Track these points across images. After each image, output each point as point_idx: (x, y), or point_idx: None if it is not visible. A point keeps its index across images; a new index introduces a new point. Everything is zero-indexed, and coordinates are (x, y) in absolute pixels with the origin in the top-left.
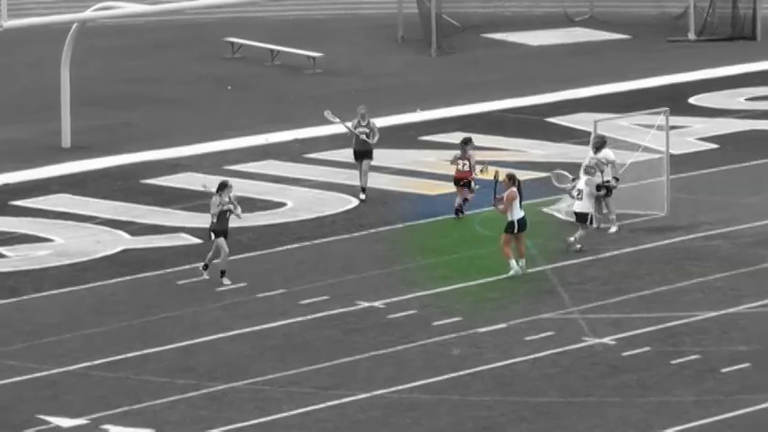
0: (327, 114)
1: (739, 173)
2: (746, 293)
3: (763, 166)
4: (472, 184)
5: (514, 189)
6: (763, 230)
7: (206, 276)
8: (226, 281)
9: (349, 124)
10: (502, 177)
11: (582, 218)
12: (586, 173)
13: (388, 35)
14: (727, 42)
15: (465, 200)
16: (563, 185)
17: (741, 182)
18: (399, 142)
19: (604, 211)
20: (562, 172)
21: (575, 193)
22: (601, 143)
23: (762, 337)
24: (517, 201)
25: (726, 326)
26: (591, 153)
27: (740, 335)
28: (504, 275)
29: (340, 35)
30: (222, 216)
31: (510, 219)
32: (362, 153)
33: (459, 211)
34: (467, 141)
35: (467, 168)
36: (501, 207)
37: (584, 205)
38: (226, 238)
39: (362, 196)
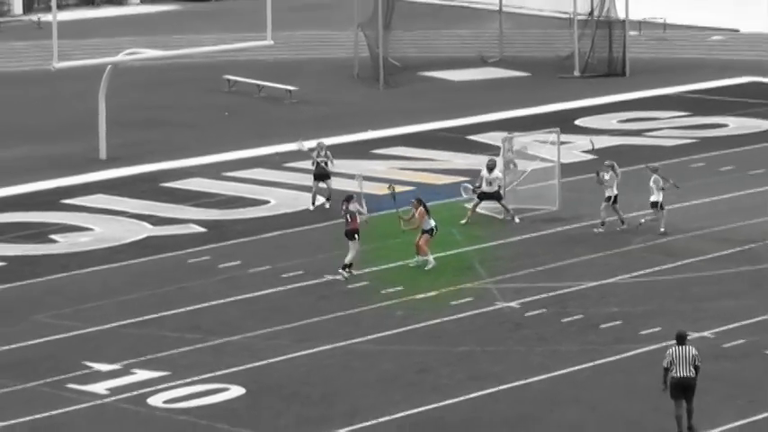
0: (300, 143)
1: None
2: (618, 268)
3: (632, 171)
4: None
5: (422, 208)
6: (630, 221)
7: (345, 275)
8: (345, 273)
9: (314, 153)
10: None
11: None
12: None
13: (346, 73)
14: (603, 78)
15: None
16: (467, 195)
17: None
18: (355, 155)
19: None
20: (467, 185)
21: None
22: (493, 164)
23: (630, 301)
24: (426, 215)
25: (603, 293)
26: (485, 173)
27: (614, 300)
28: (424, 264)
29: (310, 73)
30: (353, 218)
31: (429, 227)
32: (321, 176)
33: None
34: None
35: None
36: (414, 224)
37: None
38: (354, 237)
39: (327, 206)
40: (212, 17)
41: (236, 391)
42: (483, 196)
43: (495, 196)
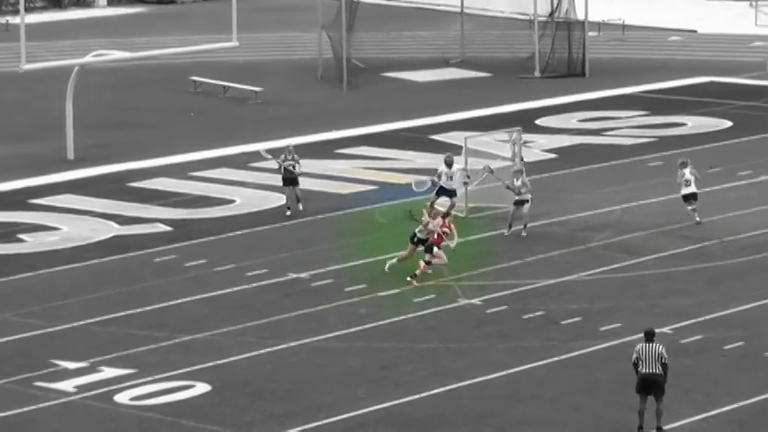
0: (261, 151)
1: (572, 175)
2: (577, 266)
3: (590, 170)
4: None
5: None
6: (589, 219)
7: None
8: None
9: (280, 159)
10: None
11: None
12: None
13: (311, 74)
14: (563, 78)
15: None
16: (420, 189)
17: (573, 182)
18: (320, 154)
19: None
20: (421, 179)
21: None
22: (452, 160)
23: (589, 298)
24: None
25: (563, 290)
26: (444, 168)
27: (573, 296)
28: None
29: (275, 74)
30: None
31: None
32: (290, 180)
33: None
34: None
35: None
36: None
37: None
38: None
39: (300, 207)
40: (178, 19)
41: (201, 387)
42: (441, 192)
43: (453, 193)
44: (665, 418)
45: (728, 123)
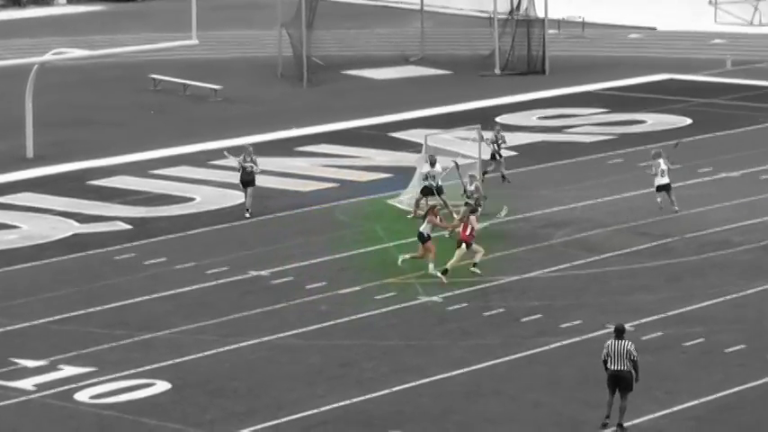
0: (225, 153)
1: (533, 173)
2: (538, 263)
3: (551, 168)
4: None
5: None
6: (551, 216)
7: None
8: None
9: (240, 159)
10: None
11: None
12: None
13: (270, 72)
14: (523, 76)
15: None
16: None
17: (534, 180)
18: (280, 152)
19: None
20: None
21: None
22: (434, 159)
23: (550, 295)
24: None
25: (524, 287)
26: (428, 167)
27: (535, 293)
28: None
29: (235, 72)
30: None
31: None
32: (248, 182)
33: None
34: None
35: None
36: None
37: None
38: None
39: (248, 215)
40: (138, 17)
41: (162, 386)
42: (425, 191)
43: (437, 191)
44: (627, 415)
45: (688, 121)
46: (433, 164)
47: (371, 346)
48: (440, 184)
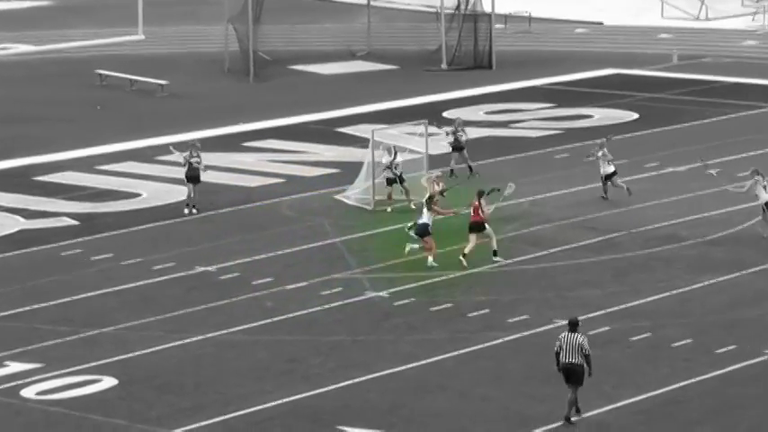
0: (171, 148)
1: (480, 168)
2: (487, 257)
3: (498, 162)
4: None
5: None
6: (497, 211)
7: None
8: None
9: (186, 154)
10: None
11: None
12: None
13: (217, 67)
14: (470, 71)
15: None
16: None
17: (482, 174)
18: (227, 147)
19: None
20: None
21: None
22: (395, 150)
23: (498, 290)
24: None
25: (471, 282)
26: (390, 156)
27: (481, 288)
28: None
29: (182, 67)
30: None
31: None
32: (194, 178)
33: None
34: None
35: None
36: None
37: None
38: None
39: (187, 211)
40: (84, 12)
41: (108, 382)
42: (389, 181)
43: (399, 180)
44: (575, 408)
45: (635, 115)
46: (394, 154)
47: (318, 341)
48: (401, 173)
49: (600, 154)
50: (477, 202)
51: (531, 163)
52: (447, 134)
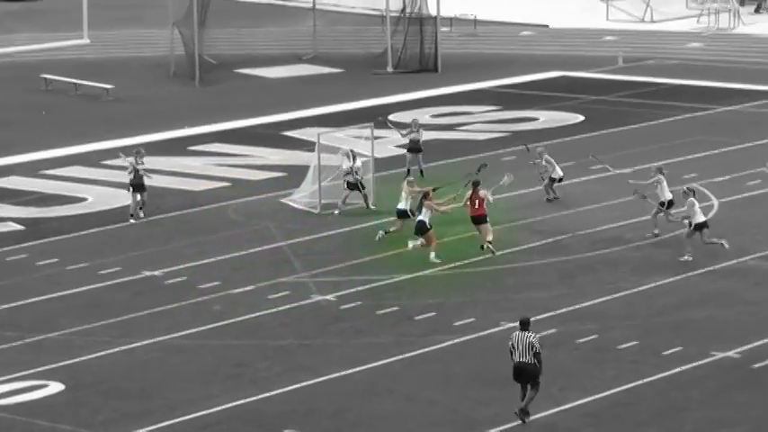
0: (120, 154)
1: (427, 171)
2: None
3: (445, 165)
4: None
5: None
6: (447, 213)
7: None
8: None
9: (131, 160)
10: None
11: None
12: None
13: (163, 71)
14: (416, 74)
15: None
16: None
17: (428, 177)
18: (172, 151)
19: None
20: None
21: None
22: (355, 154)
23: (444, 293)
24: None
25: (417, 285)
26: (350, 161)
27: (428, 291)
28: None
29: (127, 71)
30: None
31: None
32: (140, 186)
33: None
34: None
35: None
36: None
37: None
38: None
39: (132, 220)
40: (28, 17)
41: (55, 387)
42: (351, 186)
43: (360, 186)
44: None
45: (580, 118)
46: (353, 159)
47: (265, 345)
48: (361, 178)
49: (544, 162)
50: (473, 194)
51: (477, 165)
52: (403, 135)
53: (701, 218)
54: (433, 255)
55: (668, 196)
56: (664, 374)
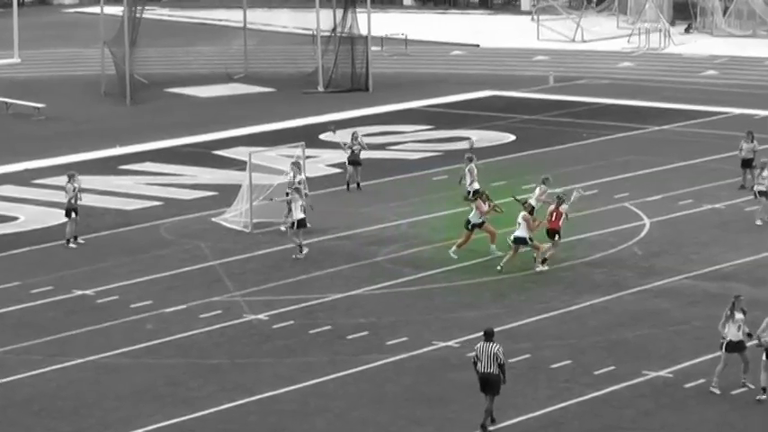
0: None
1: (355, 191)
2: (365, 280)
3: (376, 184)
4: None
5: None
6: (376, 233)
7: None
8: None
9: (68, 186)
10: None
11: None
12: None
13: (94, 90)
14: (347, 93)
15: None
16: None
17: (359, 197)
18: (103, 170)
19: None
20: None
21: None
22: (300, 167)
23: (376, 312)
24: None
25: (350, 304)
26: (295, 175)
27: (360, 311)
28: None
29: (58, 91)
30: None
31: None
32: (75, 209)
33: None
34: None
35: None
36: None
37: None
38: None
39: (81, 241)
40: None
41: None
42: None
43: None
44: (452, 428)
45: (512, 137)
46: (299, 171)
47: (198, 364)
48: (307, 192)
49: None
50: (555, 209)
51: (409, 185)
52: (344, 148)
53: None
54: (493, 247)
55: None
56: (597, 394)
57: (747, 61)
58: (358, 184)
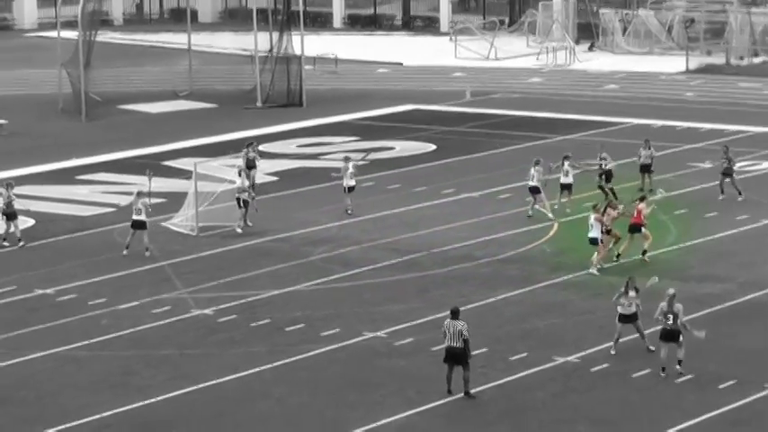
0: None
1: (293, 196)
2: (300, 277)
3: (309, 191)
4: None
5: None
6: (310, 235)
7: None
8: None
9: (3, 192)
10: None
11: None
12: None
13: (52, 108)
14: (283, 108)
15: None
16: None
17: (294, 202)
18: (61, 181)
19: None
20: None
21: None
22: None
23: (311, 306)
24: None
25: (287, 299)
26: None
27: (297, 305)
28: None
29: (19, 108)
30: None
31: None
32: (12, 214)
33: None
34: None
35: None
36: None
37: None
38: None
39: (7, 243)
40: None
41: None
42: (245, 203)
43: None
44: (377, 414)
45: (432, 147)
46: (247, 176)
47: (150, 355)
48: (254, 196)
49: (350, 169)
50: (639, 206)
51: (340, 191)
52: (242, 155)
53: None
54: (595, 268)
55: None
56: (511, 378)
57: (645, 76)
58: (253, 186)
